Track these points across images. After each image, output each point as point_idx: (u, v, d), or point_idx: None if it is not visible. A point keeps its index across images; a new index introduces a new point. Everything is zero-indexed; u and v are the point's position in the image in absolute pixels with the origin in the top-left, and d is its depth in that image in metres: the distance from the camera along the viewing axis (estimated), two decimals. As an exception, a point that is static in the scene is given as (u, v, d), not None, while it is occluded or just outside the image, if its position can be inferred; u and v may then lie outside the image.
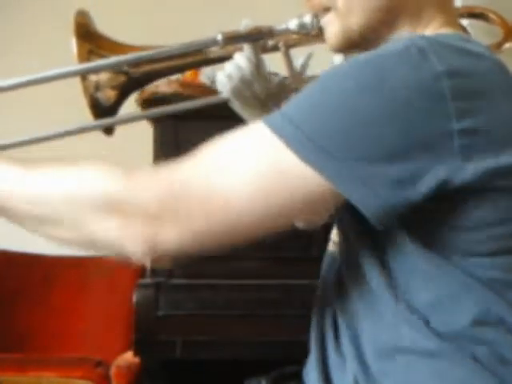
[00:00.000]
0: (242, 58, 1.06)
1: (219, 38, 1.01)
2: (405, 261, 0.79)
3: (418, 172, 0.72)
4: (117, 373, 2.45)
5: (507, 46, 1.08)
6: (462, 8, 1.16)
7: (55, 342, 2.81)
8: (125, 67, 0.98)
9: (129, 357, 2.47)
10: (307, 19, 1.02)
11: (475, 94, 0.74)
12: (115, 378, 2.44)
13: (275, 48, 1.07)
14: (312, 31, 1.03)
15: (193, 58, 1.03)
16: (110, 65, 0.98)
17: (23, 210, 0.81)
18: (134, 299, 2.37)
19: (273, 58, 1.18)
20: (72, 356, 2.67)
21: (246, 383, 1.04)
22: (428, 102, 0.71)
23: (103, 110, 1.00)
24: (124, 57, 0.98)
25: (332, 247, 0.98)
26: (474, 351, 0.77)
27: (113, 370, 2.46)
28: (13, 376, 2.39)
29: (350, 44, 0.90)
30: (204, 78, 2.80)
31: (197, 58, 1.03)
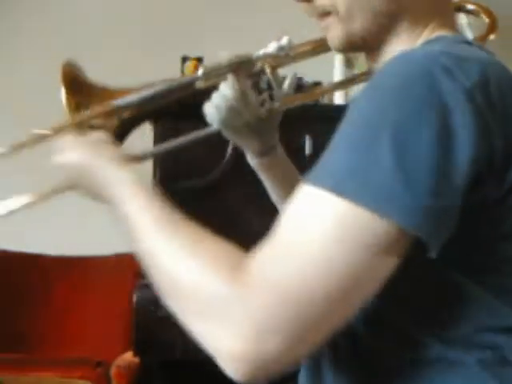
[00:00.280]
0: (226, 88, 1.05)
1: (200, 73, 1.02)
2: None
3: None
4: (117, 373, 2.45)
5: (492, 37, 1.08)
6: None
7: (55, 342, 2.81)
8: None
9: (129, 357, 2.47)
10: (284, 41, 1.03)
11: (501, 102, 0.74)
12: (115, 378, 2.45)
13: (261, 71, 1.07)
14: (290, 52, 1.04)
15: (180, 93, 1.03)
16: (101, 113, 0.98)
17: (141, 253, 0.79)
18: (134, 299, 2.37)
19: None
20: (72, 356, 2.68)
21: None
22: (470, 119, 0.70)
23: None
24: (115, 103, 0.98)
25: None
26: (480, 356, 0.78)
27: (113, 370, 2.46)
28: (13, 376, 2.39)
29: (352, 46, 0.90)
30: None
31: (184, 92, 1.03)
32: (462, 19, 1.96)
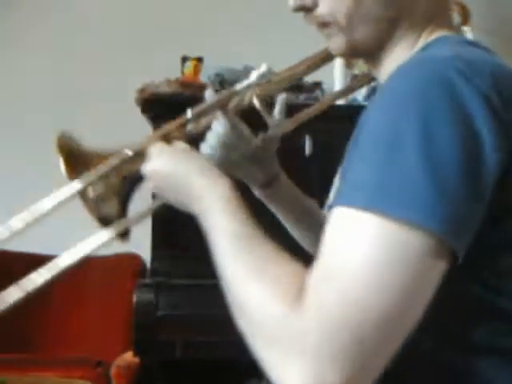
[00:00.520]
0: (218, 125, 1.07)
1: (188, 115, 1.03)
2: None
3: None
4: (117, 373, 2.45)
5: (464, 28, 1.09)
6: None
7: (55, 342, 2.81)
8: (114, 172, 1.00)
9: (129, 357, 2.47)
10: (263, 68, 1.05)
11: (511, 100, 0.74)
12: (115, 378, 2.44)
13: (250, 104, 1.09)
14: (272, 78, 1.06)
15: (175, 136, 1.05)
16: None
17: (218, 265, 0.79)
18: (134, 299, 2.37)
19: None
20: (72, 356, 2.68)
21: (245, 383, 1.04)
22: (491, 122, 0.70)
23: (113, 220, 1.03)
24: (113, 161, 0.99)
25: None
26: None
27: (113, 370, 2.46)
28: (13, 376, 2.39)
29: (354, 54, 0.91)
30: (204, 77, 2.81)
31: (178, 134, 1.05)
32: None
